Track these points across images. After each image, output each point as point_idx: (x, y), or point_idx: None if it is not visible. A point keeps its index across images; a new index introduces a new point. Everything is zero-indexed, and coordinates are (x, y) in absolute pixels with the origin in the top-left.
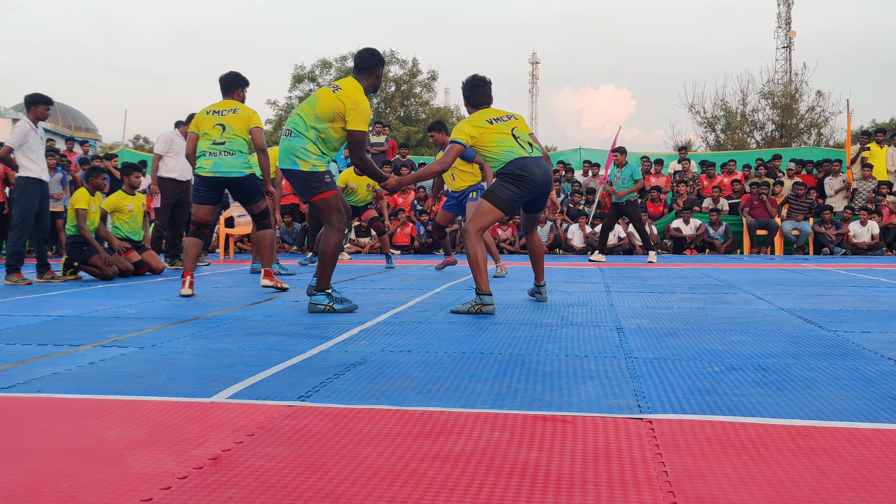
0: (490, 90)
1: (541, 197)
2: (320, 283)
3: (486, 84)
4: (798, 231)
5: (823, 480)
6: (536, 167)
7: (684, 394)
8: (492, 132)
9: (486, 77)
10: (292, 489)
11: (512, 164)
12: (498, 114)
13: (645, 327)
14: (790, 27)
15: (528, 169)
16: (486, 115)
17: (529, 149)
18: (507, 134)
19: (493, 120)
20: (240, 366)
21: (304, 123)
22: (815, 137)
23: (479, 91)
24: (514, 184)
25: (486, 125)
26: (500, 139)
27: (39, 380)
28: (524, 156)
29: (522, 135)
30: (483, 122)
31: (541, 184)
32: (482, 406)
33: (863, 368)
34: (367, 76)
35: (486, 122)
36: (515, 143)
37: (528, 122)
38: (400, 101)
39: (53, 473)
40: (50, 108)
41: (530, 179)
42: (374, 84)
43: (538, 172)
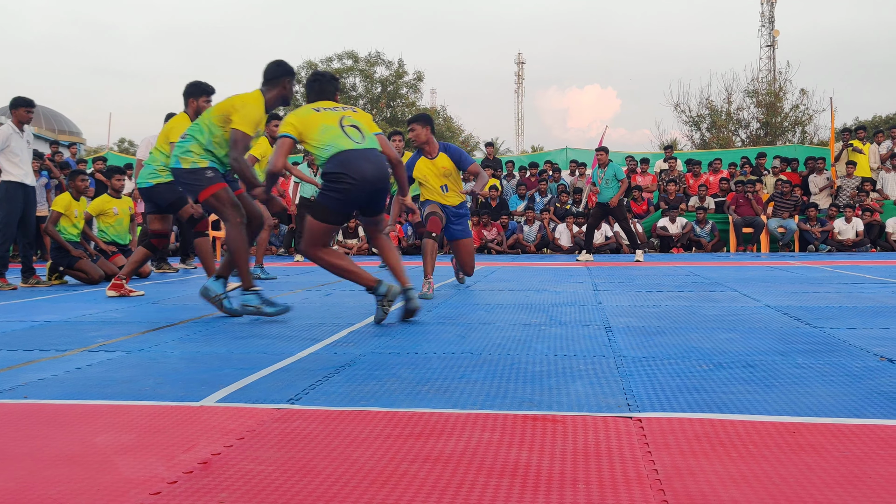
0: (330, 86)
1: (373, 198)
2: (244, 283)
3: (324, 80)
4: (784, 229)
5: (811, 476)
6: (365, 161)
7: (673, 392)
8: (316, 120)
9: (328, 73)
10: (283, 492)
11: (332, 162)
12: (332, 104)
13: (633, 326)
14: (773, 26)
15: (350, 165)
16: (316, 105)
17: (360, 137)
18: (334, 122)
19: (323, 109)
20: (228, 369)
21: (199, 127)
22: (800, 135)
23: (315, 87)
24: (334, 188)
25: (311, 113)
26: (325, 128)
27: (26, 386)
28: (348, 148)
29: (357, 124)
30: (310, 110)
31: (367, 183)
32: (472, 407)
33: (849, 364)
34: (272, 87)
35: (313, 111)
36: (341, 132)
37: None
38: (386, 102)
39: (41, 480)
40: (32, 110)
41: (350, 179)
42: (281, 95)
43: (365, 169)
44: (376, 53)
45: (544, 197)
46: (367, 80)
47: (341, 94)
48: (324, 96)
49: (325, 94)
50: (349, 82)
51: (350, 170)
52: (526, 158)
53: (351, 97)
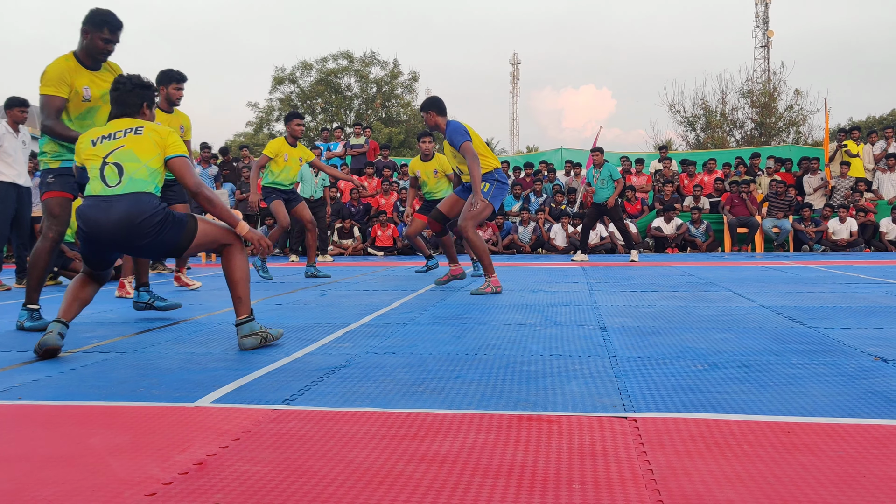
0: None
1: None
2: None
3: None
4: (778, 229)
5: (806, 476)
6: (97, 211)
7: (668, 392)
8: (90, 156)
9: (130, 78)
10: (278, 493)
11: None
12: (116, 127)
13: (628, 326)
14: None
15: (82, 215)
16: (99, 132)
17: (116, 180)
18: (98, 159)
19: (101, 138)
20: (223, 370)
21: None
22: (794, 135)
23: (113, 97)
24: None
25: (88, 147)
26: (91, 167)
27: (20, 387)
28: (94, 194)
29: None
30: (87, 142)
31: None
32: (467, 407)
33: (843, 364)
34: (81, 40)
35: (90, 143)
36: (98, 174)
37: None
38: (381, 102)
39: (36, 481)
40: (27, 110)
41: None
42: (94, 46)
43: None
44: (371, 53)
45: (539, 197)
46: (362, 81)
47: (337, 94)
48: (123, 111)
49: (126, 107)
50: (344, 82)
51: (83, 220)
52: (521, 159)
53: (346, 97)
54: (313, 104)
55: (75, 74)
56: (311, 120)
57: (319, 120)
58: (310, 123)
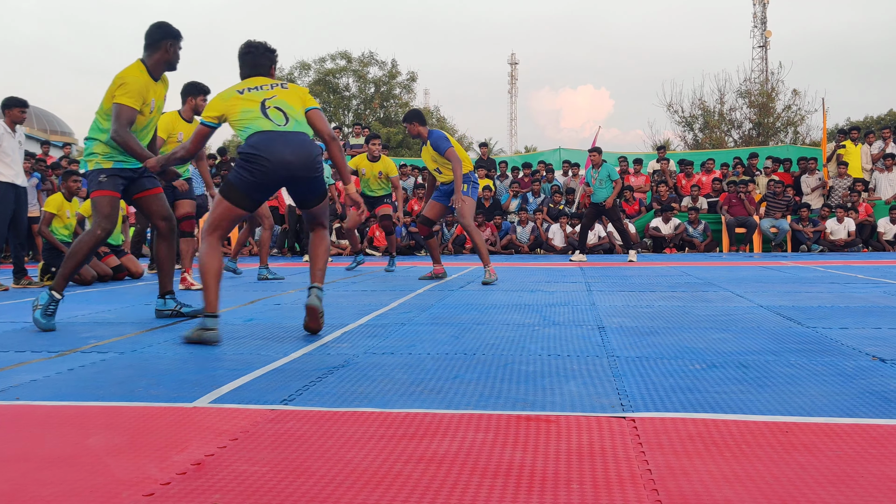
0: (264, 59)
1: (298, 184)
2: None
3: (257, 52)
4: (776, 229)
5: (804, 475)
6: (281, 144)
7: (666, 392)
8: (238, 103)
9: (261, 43)
10: (276, 493)
11: (248, 142)
12: (258, 83)
13: (626, 326)
14: (766, 27)
15: (263, 147)
16: (241, 86)
17: (283, 120)
18: (255, 105)
19: (248, 90)
20: (222, 370)
21: (96, 125)
22: (792, 135)
23: (247, 60)
24: (245, 167)
25: (234, 96)
26: (245, 111)
27: (18, 387)
28: (266, 129)
29: (282, 105)
30: (233, 92)
31: (282, 166)
32: (466, 407)
33: (841, 364)
34: (153, 51)
35: (236, 93)
36: (260, 114)
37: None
38: (379, 102)
39: (34, 481)
40: (26, 111)
41: (264, 160)
42: (164, 59)
43: (280, 151)
44: (369, 54)
45: (538, 197)
46: (360, 81)
47: (335, 94)
48: (257, 71)
49: (259, 68)
50: (342, 83)
51: (265, 151)
52: (519, 159)
53: (344, 97)
54: None
55: (149, 88)
56: None
57: None
58: None
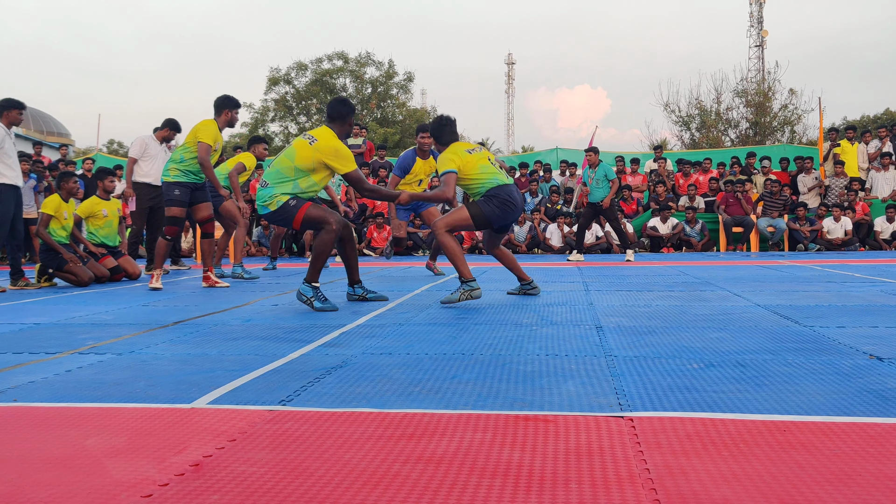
0: (456, 128)
1: (513, 221)
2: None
3: (452, 123)
4: (773, 228)
5: (802, 475)
6: (518, 195)
7: (664, 391)
8: (474, 161)
9: (451, 116)
10: (275, 494)
11: (500, 189)
12: (470, 146)
13: (624, 325)
14: (762, 26)
15: (513, 196)
16: (463, 147)
17: (506, 177)
18: (487, 163)
19: (470, 151)
20: (220, 371)
21: (282, 174)
22: (789, 135)
23: (447, 130)
24: (500, 207)
25: (467, 155)
26: (482, 167)
27: (15, 388)
28: (507, 183)
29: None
30: (463, 152)
31: (519, 211)
32: (464, 407)
33: (839, 363)
34: (340, 124)
35: (466, 153)
36: (497, 170)
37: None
38: (376, 102)
39: (32, 483)
40: (23, 112)
41: (513, 206)
42: (347, 131)
43: (518, 200)
44: (366, 54)
45: (535, 197)
46: (357, 81)
47: (332, 95)
48: (454, 137)
49: (455, 135)
50: (339, 83)
51: (514, 200)
52: (516, 159)
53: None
54: (308, 105)
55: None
56: (306, 120)
57: (314, 121)
58: (305, 124)
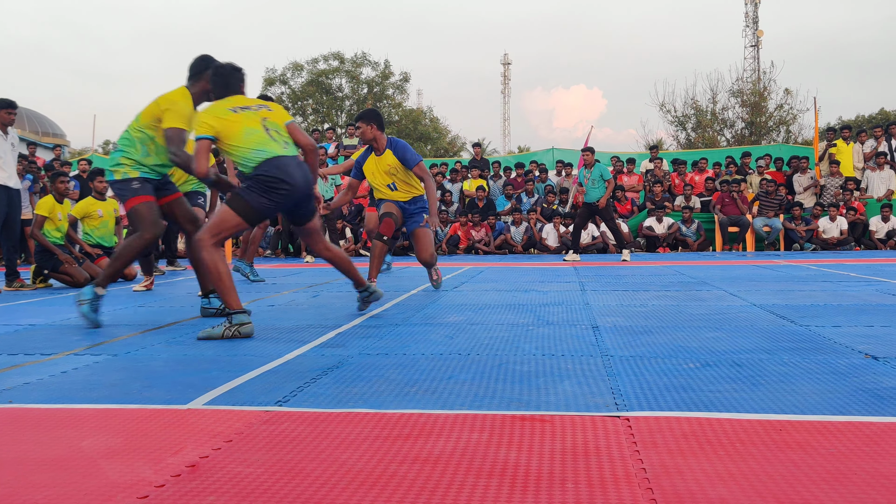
0: (233, 79)
1: (302, 204)
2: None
3: (226, 72)
4: (769, 227)
5: (798, 474)
6: (296, 169)
7: (660, 391)
8: (238, 123)
9: (228, 64)
10: (271, 495)
11: (266, 166)
12: (244, 102)
13: (620, 325)
14: (758, 26)
15: (285, 171)
16: (230, 104)
17: (284, 144)
18: (258, 127)
19: (240, 108)
20: (216, 372)
21: (128, 136)
22: (784, 135)
23: (218, 81)
24: (266, 192)
25: (229, 115)
26: (249, 131)
27: (11, 390)
28: (280, 154)
29: (276, 127)
30: (226, 111)
31: (300, 190)
32: (460, 407)
33: (834, 362)
34: (196, 81)
35: (230, 112)
36: (267, 137)
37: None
38: (372, 102)
39: (28, 485)
40: (14, 112)
41: (287, 185)
42: (205, 89)
43: (297, 177)
44: (362, 54)
45: (531, 197)
46: (353, 81)
47: (328, 95)
48: (230, 91)
49: (231, 88)
50: (335, 83)
51: (288, 176)
52: (512, 159)
53: (337, 98)
54: (304, 105)
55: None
56: (302, 121)
57: (311, 121)
58: (301, 124)
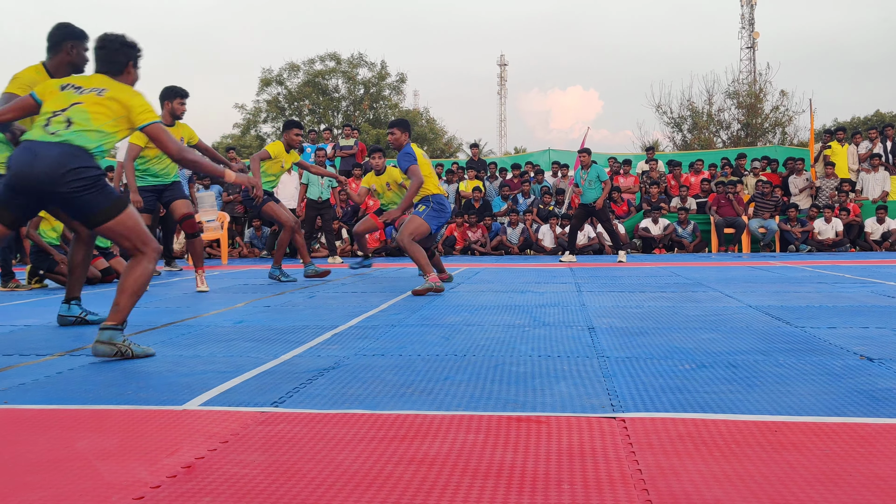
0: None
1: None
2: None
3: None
4: (765, 229)
5: (793, 475)
6: (31, 155)
7: (656, 392)
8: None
9: (118, 36)
10: (267, 496)
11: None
12: (88, 83)
13: (616, 326)
14: (754, 28)
15: (13, 157)
16: (73, 80)
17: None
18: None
19: (72, 87)
20: (212, 373)
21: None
22: (780, 136)
23: (100, 55)
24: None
25: (53, 89)
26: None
27: (6, 391)
28: (31, 138)
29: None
30: (56, 86)
31: (24, 178)
32: (456, 408)
33: (829, 364)
34: (55, 53)
35: (58, 88)
36: (45, 119)
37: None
38: (369, 103)
39: (22, 485)
40: None
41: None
42: (66, 62)
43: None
44: (359, 55)
45: (527, 198)
46: (349, 82)
47: (324, 96)
48: (107, 68)
49: (112, 64)
50: (332, 84)
51: (11, 161)
52: (509, 160)
53: (333, 99)
54: (301, 106)
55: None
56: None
57: (307, 122)
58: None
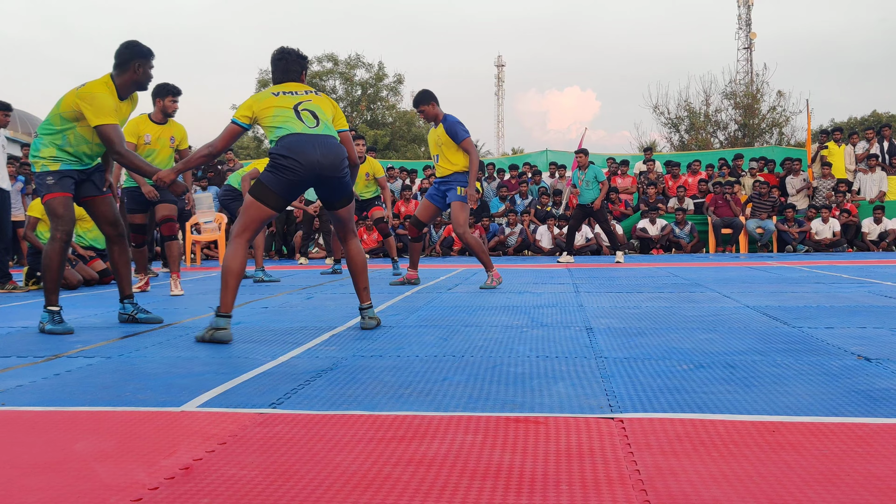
0: (296, 66)
1: (326, 186)
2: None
3: (290, 58)
4: (762, 229)
5: (791, 474)
6: (312, 146)
7: (654, 392)
8: (272, 105)
9: (293, 50)
10: (265, 497)
11: (279, 143)
12: (293, 88)
13: (614, 327)
14: (751, 28)
15: (295, 149)
16: (276, 89)
17: (314, 123)
18: (288, 107)
19: (283, 93)
20: (210, 374)
21: (50, 125)
22: (777, 137)
23: (280, 66)
24: (276, 169)
25: (269, 97)
26: (278, 112)
27: (3, 392)
28: (297, 132)
29: (315, 109)
30: (269, 94)
31: (312, 168)
32: (454, 409)
33: (827, 364)
34: (122, 71)
35: (272, 95)
36: (294, 116)
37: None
38: (366, 104)
39: (20, 488)
40: (9, 114)
41: (294, 162)
42: (132, 80)
43: (311, 153)
44: (356, 56)
45: (525, 199)
46: (347, 83)
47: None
48: (289, 77)
49: (290, 74)
50: (329, 85)
51: (296, 153)
52: (506, 161)
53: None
54: None
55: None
56: None
57: None
58: None
